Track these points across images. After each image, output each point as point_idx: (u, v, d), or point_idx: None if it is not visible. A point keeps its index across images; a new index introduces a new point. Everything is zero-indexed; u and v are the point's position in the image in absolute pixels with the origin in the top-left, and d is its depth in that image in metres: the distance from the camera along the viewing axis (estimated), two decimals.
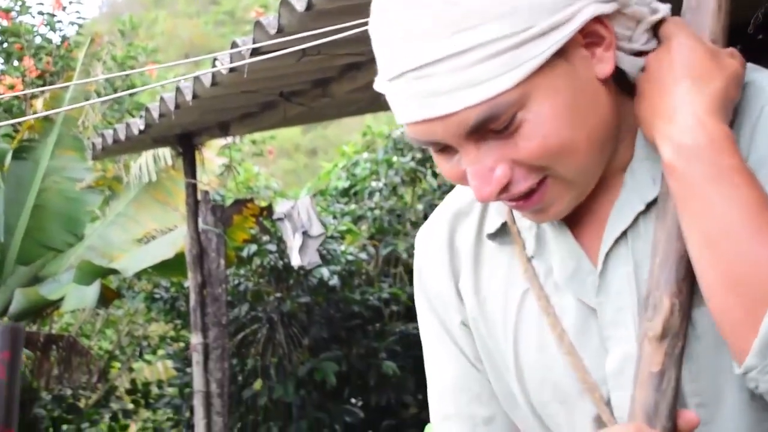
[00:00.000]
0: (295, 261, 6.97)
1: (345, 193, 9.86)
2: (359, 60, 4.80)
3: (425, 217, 9.41)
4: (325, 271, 8.35)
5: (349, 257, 8.95)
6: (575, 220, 1.56)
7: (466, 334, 1.67)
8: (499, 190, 1.41)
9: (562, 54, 1.40)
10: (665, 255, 1.51)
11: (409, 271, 9.40)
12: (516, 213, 1.59)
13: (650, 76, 1.52)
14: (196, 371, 6.67)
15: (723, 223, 1.45)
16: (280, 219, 7.01)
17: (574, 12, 1.40)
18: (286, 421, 8.31)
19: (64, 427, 9.91)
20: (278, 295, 8.47)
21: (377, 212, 9.53)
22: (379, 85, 1.46)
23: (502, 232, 1.62)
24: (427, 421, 5.94)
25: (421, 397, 8.75)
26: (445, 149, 1.42)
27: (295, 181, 19.68)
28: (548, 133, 1.41)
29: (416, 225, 9.44)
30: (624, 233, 1.54)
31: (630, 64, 1.51)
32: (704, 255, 1.45)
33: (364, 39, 4.37)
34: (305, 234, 6.80)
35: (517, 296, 1.59)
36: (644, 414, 1.49)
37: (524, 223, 1.61)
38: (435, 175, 9.84)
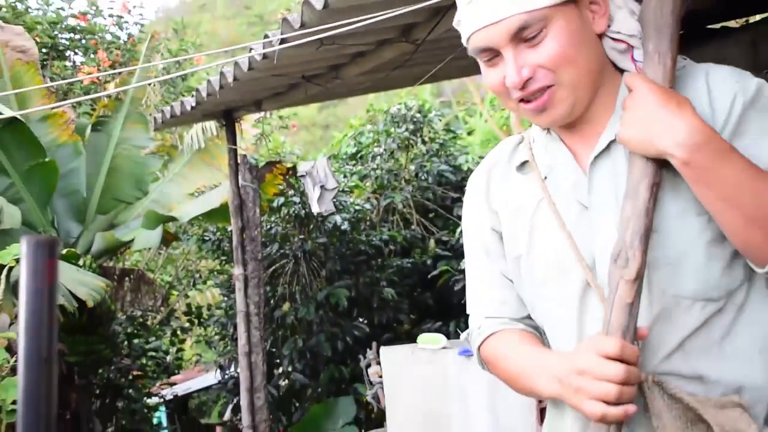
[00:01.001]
0: (315, 209, 6.99)
1: (353, 157, 9.86)
2: (365, 49, 4.79)
3: (416, 176, 9.53)
4: (338, 218, 8.38)
5: (357, 207, 8.99)
6: (572, 151, 1.84)
7: (493, 237, 1.96)
8: (523, 81, 1.71)
9: (576, 4, 1.71)
10: (637, 227, 1.69)
11: (404, 219, 9.46)
12: (534, 151, 1.92)
13: (633, 115, 1.70)
14: (238, 296, 6.69)
15: (734, 183, 1.63)
16: (302, 176, 7.02)
17: None
18: (309, 335, 8.35)
19: (136, 340, 10.02)
20: (301, 236, 8.51)
21: (378, 172, 9.53)
22: (457, 18, 1.80)
23: (525, 166, 1.91)
24: (417, 334, 5.94)
25: (413, 317, 8.87)
26: (493, 60, 1.76)
27: (313, 149, 19.63)
28: (561, 46, 1.69)
29: (409, 182, 9.51)
30: (602, 152, 1.78)
31: (609, 45, 1.79)
32: (726, 210, 1.65)
33: (371, 32, 4.38)
34: (323, 188, 6.81)
35: (534, 203, 1.86)
36: (620, 331, 1.67)
37: (540, 160, 1.89)
38: (424, 142, 9.82)
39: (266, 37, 4.40)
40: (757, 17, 5.34)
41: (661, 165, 1.68)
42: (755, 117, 1.71)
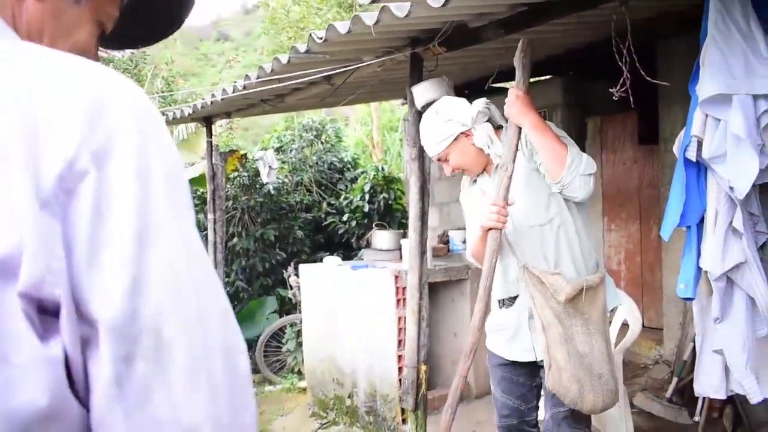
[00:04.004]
0: (265, 180, 7.06)
1: (278, 150, 9.94)
2: (302, 86, 4.79)
3: (316, 163, 9.69)
4: (269, 186, 8.51)
5: (280, 180, 9.09)
6: (487, 173, 2.57)
7: (471, 207, 2.63)
8: (449, 173, 2.51)
9: (454, 140, 2.46)
10: (510, 155, 2.39)
11: (308, 189, 9.59)
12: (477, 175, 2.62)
13: (511, 110, 2.41)
14: (210, 232, 6.73)
15: (546, 139, 2.28)
16: (257, 159, 7.11)
17: (454, 132, 2.40)
18: (248, 258, 8.34)
19: None
20: (246, 197, 8.48)
21: (293, 160, 9.62)
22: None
23: (474, 180, 2.61)
24: (315, 260, 6.07)
25: (312, 248, 8.94)
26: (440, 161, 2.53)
27: (243, 144, 19.27)
28: (457, 161, 2.48)
29: (312, 167, 9.59)
30: (494, 172, 2.54)
31: (477, 143, 2.53)
32: (544, 152, 2.29)
33: (305, 75, 4.41)
34: (269, 167, 6.92)
35: (478, 194, 2.58)
36: (502, 198, 2.39)
37: (479, 177, 2.59)
38: (322, 143, 9.94)
39: (247, 77, 4.46)
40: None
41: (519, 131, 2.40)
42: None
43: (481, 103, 2.51)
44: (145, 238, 0.57)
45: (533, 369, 2.63)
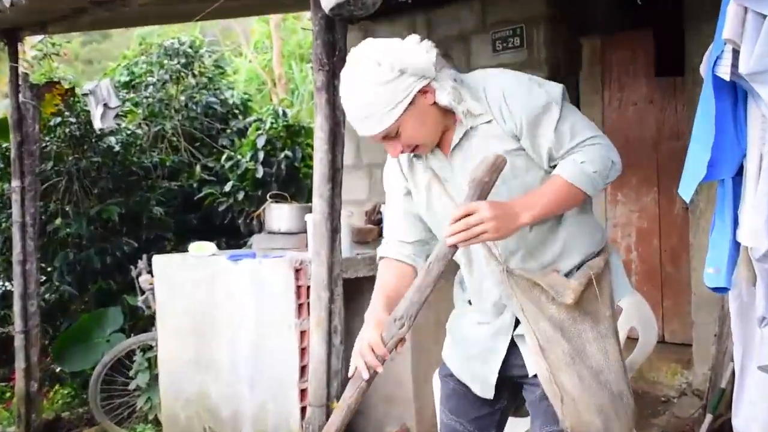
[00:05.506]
0: (97, 125, 6.96)
1: (126, 85, 9.77)
2: None
3: (186, 106, 9.61)
4: (111, 139, 8.40)
5: (129, 131, 8.98)
6: (442, 150, 2.63)
7: (406, 198, 2.75)
8: (398, 155, 2.57)
9: (410, 104, 2.45)
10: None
11: (173, 146, 9.53)
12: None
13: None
14: (15, 207, 6.61)
15: (553, 207, 2.52)
16: (86, 94, 6.97)
17: (412, 90, 2.45)
18: (79, 249, 8.27)
19: None
20: (76, 155, 8.38)
21: (150, 100, 9.53)
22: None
23: (420, 156, 2.67)
24: (184, 251, 6.07)
25: (178, 234, 8.95)
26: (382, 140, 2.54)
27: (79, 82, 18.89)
28: (411, 134, 2.50)
29: (179, 111, 9.58)
30: (455, 146, 2.60)
31: (443, 101, 2.49)
32: (560, 210, 2.55)
33: None
34: (105, 105, 6.81)
35: (428, 179, 2.66)
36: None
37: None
38: (194, 76, 9.90)
39: None
40: None
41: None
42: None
43: (429, 43, 2.54)
44: None
45: (501, 386, 2.76)
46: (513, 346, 2.69)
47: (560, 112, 2.49)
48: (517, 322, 2.66)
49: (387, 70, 2.42)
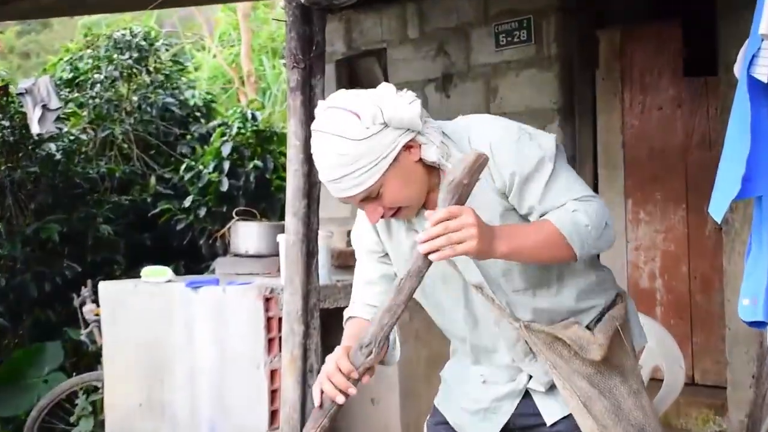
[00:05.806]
0: (35, 129, 6.95)
1: (69, 83, 9.75)
2: None
3: (139, 108, 9.61)
4: (52, 146, 8.35)
5: (72, 137, 8.96)
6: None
7: (383, 259, 2.77)
8: (378, 219, 2.55)
9: (394, 160, 2.44)
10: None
11: (124, 153, 9.52)
12: None
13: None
14: None
15: (532, 250, 2.50)
16: (21, 93, 6.95)
17: (397, 145, 2.43)
18: (12, 274, 8.21)
19: None
20: (9, 165, 8.33)
21: (97, 101, 9.50)
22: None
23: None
24: (136, 276, 6.11)
25: (130, 256, 8.90)
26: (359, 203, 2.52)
27: (14, 77, 18.90)
28: (394, 194, 2.49)
29: (131, 114, 9.57)
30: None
31: (430, 157, 2.50)
32: (540, 258, 2.53)
33: None
34: (44, 107, 6.78)
35: (413, 241, 2.47)
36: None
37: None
38: (149, 72, 9.88)
39: None
40: None
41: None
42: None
43: (411, 94, 2.56)
44: None
45: None
46: (523, 397, 2.73)
47: (553, 166, 2.51)
48: (529, 378, 2.71)
49: (368, 121, 2.41)
